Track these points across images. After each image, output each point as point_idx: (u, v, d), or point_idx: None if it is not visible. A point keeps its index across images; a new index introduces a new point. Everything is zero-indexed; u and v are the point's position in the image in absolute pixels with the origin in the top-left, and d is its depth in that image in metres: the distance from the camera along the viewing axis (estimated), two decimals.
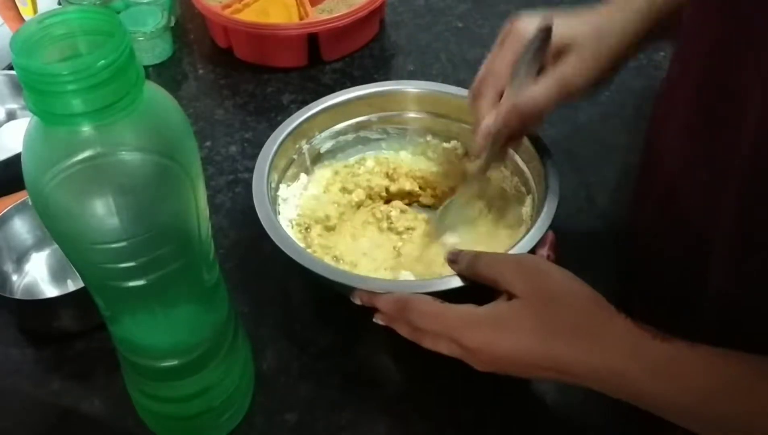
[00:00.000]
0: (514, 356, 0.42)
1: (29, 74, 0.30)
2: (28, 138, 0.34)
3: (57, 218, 0.35)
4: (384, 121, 0.66)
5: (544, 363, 0.42)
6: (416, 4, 0.94)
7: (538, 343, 0.42)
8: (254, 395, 0.52)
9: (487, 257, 0.48)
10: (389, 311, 0.48)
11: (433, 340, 0.46)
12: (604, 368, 0.40)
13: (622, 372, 0.40)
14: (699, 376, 0.39)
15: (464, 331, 0.44)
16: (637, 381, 0.40)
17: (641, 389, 0.40)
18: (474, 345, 0.43)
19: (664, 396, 0.39)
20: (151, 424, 0.50)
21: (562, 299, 0.43)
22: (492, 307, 0.44)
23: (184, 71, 0.86)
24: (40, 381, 0.54)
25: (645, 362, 0.39)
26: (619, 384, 0.40)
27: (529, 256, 0.49)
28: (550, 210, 0.53)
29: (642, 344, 0.40)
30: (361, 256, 0.60)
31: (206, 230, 0.41)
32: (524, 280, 0.44)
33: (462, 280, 0.49)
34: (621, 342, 0.41)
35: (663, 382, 0.39)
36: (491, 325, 0.43)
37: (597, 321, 0.42)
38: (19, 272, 0.60)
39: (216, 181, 0.70)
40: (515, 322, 0.43)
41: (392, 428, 0.51)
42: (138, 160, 0.34)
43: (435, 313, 0.45)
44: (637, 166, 0.57)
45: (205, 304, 0.44)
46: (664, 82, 0.52)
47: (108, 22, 0.33)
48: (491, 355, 0.43)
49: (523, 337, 0.42)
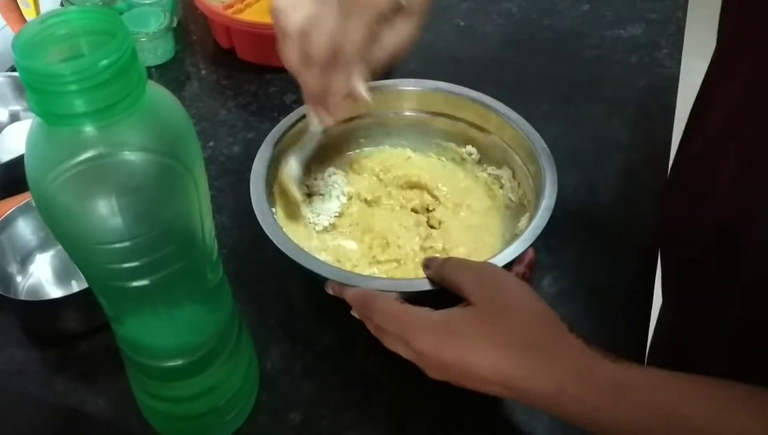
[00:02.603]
0: (461, 366, 0.41)
1: (31, 75, 0.30)
2: (30, 139, 0.34)
3: (60, 219, 0.35)
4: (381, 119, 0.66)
5: (491, 377, 0.40)
6: None
7: (486, 355, 0.41)
8: (258, 395, 0.52)
9: (453, 262, 0.47)
10: (354, 305, 0.48)
11: (392, 341, 0.45)
12: (550, 387, 0.39)
13: (568, 391, 0.39)
14: (649, 396, 0.37)
15: (416, 334, 0.43)
16: (583, 402, 0.38)
17: (587, 410, 0.38)
18: (423, 349, 0.42)
19: (611, 417, 0.38)
20: (156, 424, 0.50)
21: (515, 312, 0.42)
22: (446, 312, 0.43)
23: (186, 72, 0.86)
24: (44, 382, 0.54)
25: (593, 383, 0.38)
26: (564, 404, 0.39)
27: (491, 266, 0.48)
28: (536, 228, 0.52)
29: (592, 365, 0.39)
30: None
31: (209, 230, 0.41)
32: (482, 289, 0.43)
33: (432, 284, 0.48)
34: (571, 362, 0.39)
35: (611, 402, 0.38)
36: (442, 330, 0.42)
37: (549, 339, 0.41)
38: (23, 273, 0.60)
39: (219, 181, 0.70)
40: (466, 330, 0.42)
41: (396, 427, 0.51)
42: (141, 160, 0.34)
43: (392, 313, 0.45)
44: (671, 163, 0.56)
45: (208, 304, 0.44)
46: (703, 87, 0.51)
47: (110, 22, 0.33)
48: (440, 361, 0.42)
49: (471, 347, 0.41)
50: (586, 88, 0.79)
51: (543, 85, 0.79)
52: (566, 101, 0.77)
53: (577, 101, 0.77)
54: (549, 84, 0.79)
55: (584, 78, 0.80)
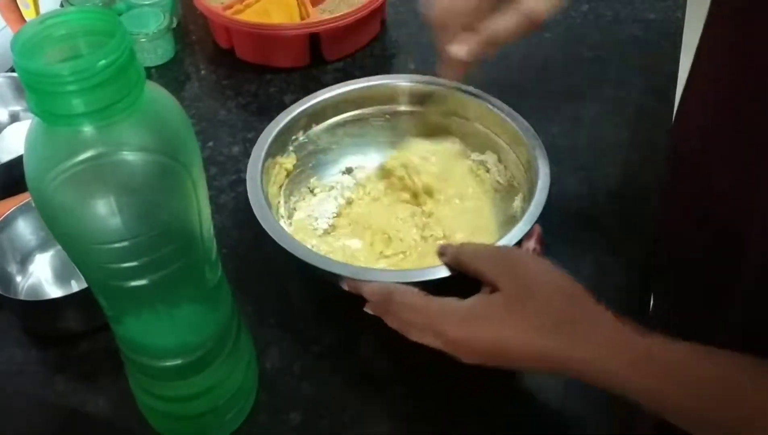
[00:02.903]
0: (495, 348, 0.43)
1: (30, 75, 0.31)
2: (29, 139, 0.34)
3: (59, 219, 0.35)
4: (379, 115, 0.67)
5: (528, 355, 0.42)
6: (417, 4, 0.93)
7: (520, 336, 0.42)
8: (258, 394, 0.52)
9: (471, 249, 0.48)
10: (374, 301, 0.48)
11: (418, 333, 0.46)
12: (584, 360, 0.41)
13: (603, 364, 0.40)
14: (679, 370, 0.39)
15: (446, 324, 0.44)
16: (617, 373, 0.40)
17: (621, 381, 0.40)
18: (457, 337, 0.44)
19: (644, 388, 0.40)
20: (155, 423, 0.50)
21: (542, 291, 0.43)
22: (474, 299, 0.44)
23: (186, 72, 0.86)
24: (44, 382, 0.54)
25: (626, 354, 0.40)
26: (600, 375, 0.41)
27: (510, 249, 0.49)
28: (538, 203, 0.53)
29: (623, 337, 0.40)
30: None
31: (208, 230, 0.41)
32: (505, 273, 0.44)
33: (449, 270, 0.49)
34: (602, 334, 0.41)
35: (643, 375, 0.39)
36: (472, 317, 0.43)
37: (580, 312, 0.42)
38: (23, 273, 0.61)
39: (219, 181, 0.70)
40: (496, 314, 0.43)
41: (396, 427, 0.51)
42: (139, 160, 0.34)
43: (418, 306, 0.46)
44: (667, 163, 0.57)
45: (208, 304, 0.44)
46: (688, 80, 0.51)
47: (108, 22, 0.33)
48: (475, 347, 0.43)
49: (503, 330, 0.42)
50: (585, 88, 0.79)
51: (542, 85, 0.79)
52: (566, 101, 0.77)
53: (576, 101, 0.77)
54: (548, 84, 0.79)
55: (584, 78, 0.80)
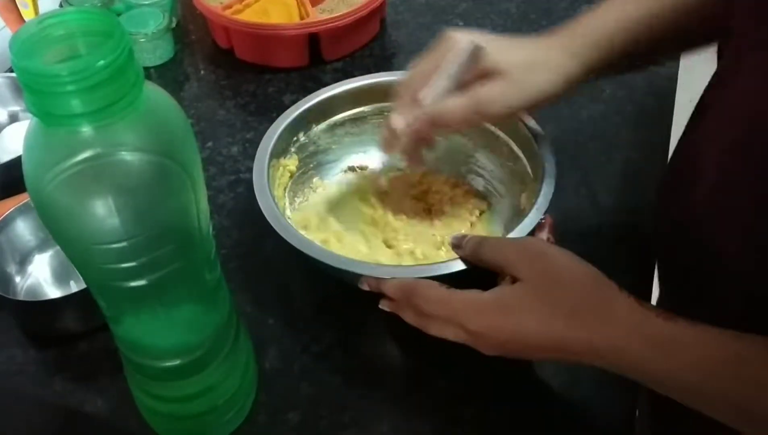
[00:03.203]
0: (518, 339, 0.43)
1: (28, 75, 0.31)
2: (28, 139, 0.34)
3: (58, 219, 0.35)
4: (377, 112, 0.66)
5: (551, 345, 0.42)
6: (417, 3, 0.94)
7: (544, 326, 0.42)
8: (257, 394, 0.52)
9: (491, 242, 0.48)
10: (395, 297, 0.49)
11: (439, 326, 0.46)
12: (606, 345, 0.41)
13: (624, 348, 0.40)
14: (701, 353, 0.39)
15: (470, 316, 0.44)
16: (638, 357, 0.40)
17: (643, 365, 0.40)
18: (479, 329, 0.44)
19: (666, 372, 0.40)
20: (154, 423, 0.50)
21: (566, 281, 0.43)
22: (497, 291, 0.45)
23: (185, 72, 0.86)
24: (43, 382, 0.54)
25: (647, 338, 0.40)
26: (621, 360, 0.41)
27: (531, 240, 0.50)
28: (546, 194, 0.54)
29: (644, 321, 0.41)
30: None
31: (207, 230, 0.41)
32: (528, 264, 0.44)
33: (465, 264, 0.49)
34: (623, 319, 0.41)
35: (665, 359, 0.40)
36: (496, 309, 0.44)
37: (600, 300, 0.42)
38: (22, 274, 0.61)
39: (218, 182, 0.70)
40: (520, 305, 0.43)
41: (395, 427, 0.51)
42: (138, 161, 0.34)
43: (441, 299, 0.46)
44: (666, 167, 0.57)
45: (206, 304, 0.44)
46: (707, 92, 0.51)
47: (106, 22, 0.33)
48: (496, 339, 0.44)
49: (526, 320, 0.43)
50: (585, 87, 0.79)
51: None
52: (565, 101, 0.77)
53: (576, 101, 0.77)
54: None
55: None
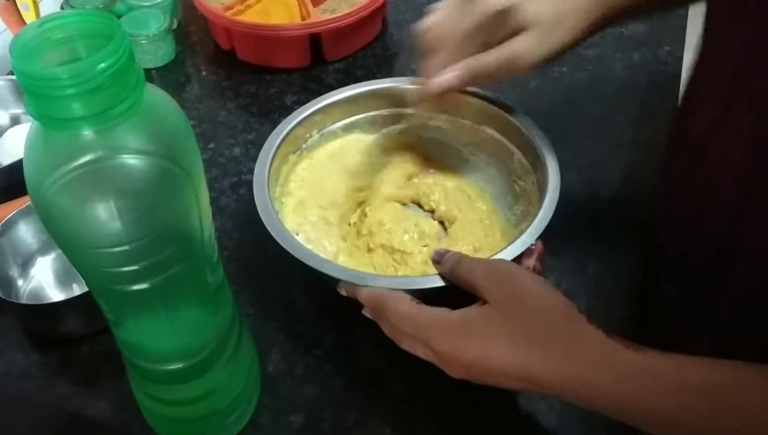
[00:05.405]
0: (482, 364, 0.41)
1: (29, 78, 0.30)
2: (29, 143, 0.34)
3: (59, 222, 0.35)
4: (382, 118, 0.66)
5: (514, 373, 0.41)
6: (418, 3, 0.93)
7: (507, 352, 0.41)
8: (260, 397, 0.52)
9: (468, 261, 0.47)
10: (368, 306, 0.48)
11: (408, 342, 0.45)
12: (575, 379, 0.39)
13: (594, 383, 0.39)
14: (676, 383, 0.37)
15: (434, 335, 0.43)
16: (610, 392, 0.39)
17: (616, 398, 0.39)
18: (442, 349, 0.42)
19: (638, 406, 0.38)
20: (157, 426, 0.50)
21: (533, 307, 0.42)
22: (464, 312, 0.43)
23: (187, 73, 0.86)
24: (45, 385, 0.54)
25: (618, 372, 0.38)
26: (592, 395, 0.39)
27: (503, 263, 0.47)
28: (543, 219, 0.52)
29: (614, 354, 0.39)
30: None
31: (209, 232, 0.41)
32: (496, 286, 0.43)
33: (444, 281, 0.48)
34: (593, 352, 0.40)
35: (637, 392, 0.38)
36: (460, 329, 0.42)
37: (568, 331, 0.41)
38: (24, 277, 0.60)
39: (220, 183, 0.70)
40: (484, 328, 0.42)
41: (398, 429, 0.51)
42: (139, 163, 0.34)
43: (408, 314, 0.44)
44: (665, 158, 0.56)
45: (209, 307, 0.44)
46: (693, 72, 0.51)
47: (107, 25, 0.32)
48: (459, 361, 0.42)
49: (490, 344, 0.41)
50: (587, 86, 0.79)
51: (544, 84, 0.79)
52: (567, 100, 0.77)
53: (578, 99, 0.77)
54: (550, 82, 0.79)
55: (586, 76, 0.80)
